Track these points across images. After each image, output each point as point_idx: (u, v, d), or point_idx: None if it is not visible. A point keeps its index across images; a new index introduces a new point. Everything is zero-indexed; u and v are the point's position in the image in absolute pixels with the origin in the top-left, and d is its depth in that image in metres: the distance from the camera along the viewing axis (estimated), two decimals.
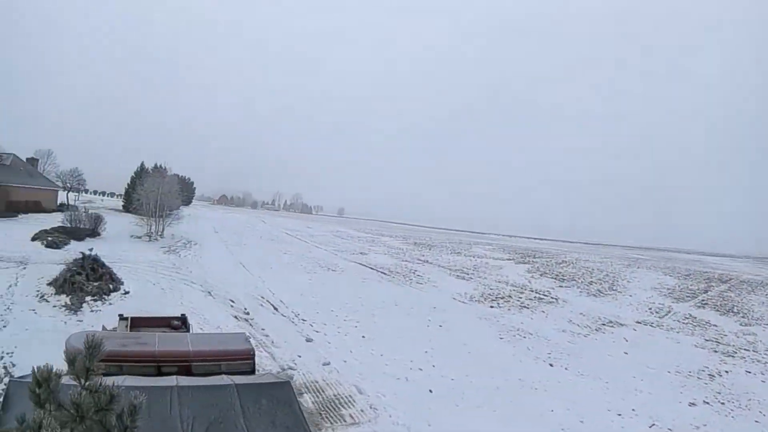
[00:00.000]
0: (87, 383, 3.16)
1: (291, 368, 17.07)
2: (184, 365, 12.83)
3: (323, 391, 15.97)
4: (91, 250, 26.61)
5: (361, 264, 39.60)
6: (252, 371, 13.14)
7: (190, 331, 17.08)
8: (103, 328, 16.91)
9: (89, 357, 3.28)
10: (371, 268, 38.01)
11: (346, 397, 15.73)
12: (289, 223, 74.63)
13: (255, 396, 9.43)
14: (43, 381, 2.94)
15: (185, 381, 10.09)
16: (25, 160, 56.72)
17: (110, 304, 22.67)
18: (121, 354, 12.61)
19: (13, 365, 17.25)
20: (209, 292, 26.26)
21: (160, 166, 50.56)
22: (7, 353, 17.86)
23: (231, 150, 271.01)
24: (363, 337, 21.94)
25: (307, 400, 14.91)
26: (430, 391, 16.84)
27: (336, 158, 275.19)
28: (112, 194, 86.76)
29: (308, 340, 20.53)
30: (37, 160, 62.06)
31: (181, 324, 17.12)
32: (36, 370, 3.11)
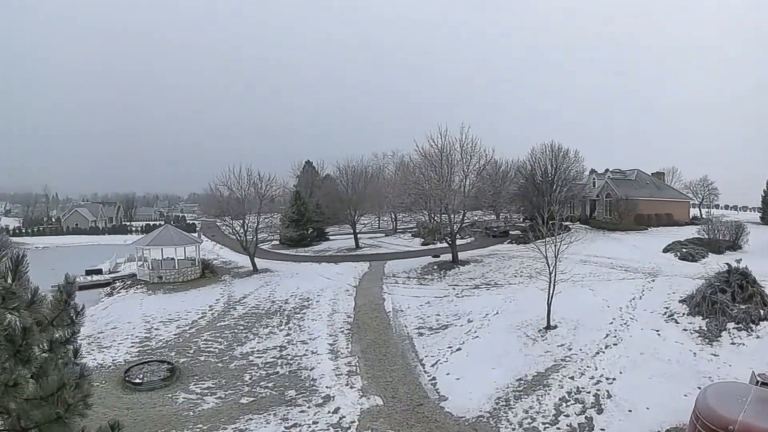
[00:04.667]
0: None
1: None
2: None
3: None
4: (738, 261, 21.70)
5: None
6: None
7: None
8: (753, 377, 11.97)
9: None
10: None
11: None
12: None
13: None
14: None
15: None
16: (650, 174, 57.74)
17: (757, 337, 17.49)
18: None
19: (609, 396, 14.61)
20: None
21: None
22: (607, 379, 15.62)
23: None
24: None
25: None
26: None
27: None
28: (744, 208, 77.10)
29: None
30: (663, 173, 61.99)
31: None
32: None
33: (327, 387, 17.26)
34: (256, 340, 23.22)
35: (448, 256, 37.78)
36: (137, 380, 18.63)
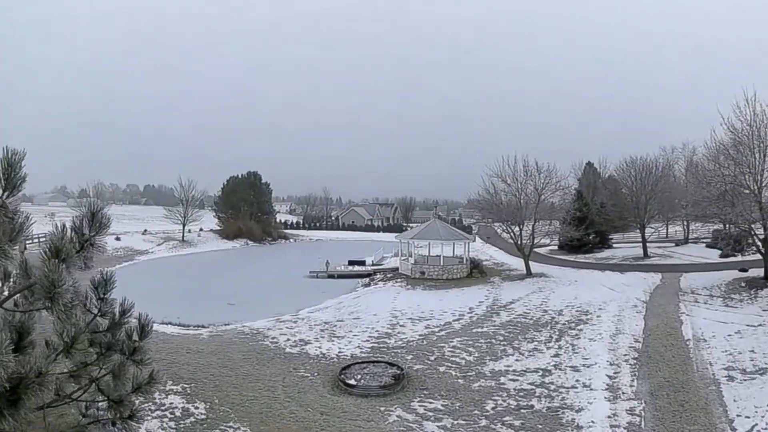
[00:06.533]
0: None
1: None
2: None
3: None
4: None
5: None
6: None
7: None
8: None
9: None
10: None
11: None
12: None
13: None
14: None
15: None
16: None
17: None
18: None
19: None
20: None
21: None
22: None
23: None
24: None
25: None
26: None
27: None
28: None
29: None
30: None
31: None
32: None
33: None
34: (515, 356, 19.30)
35: (757, 272, 28.74)
36: (351, 381, 16.50)
